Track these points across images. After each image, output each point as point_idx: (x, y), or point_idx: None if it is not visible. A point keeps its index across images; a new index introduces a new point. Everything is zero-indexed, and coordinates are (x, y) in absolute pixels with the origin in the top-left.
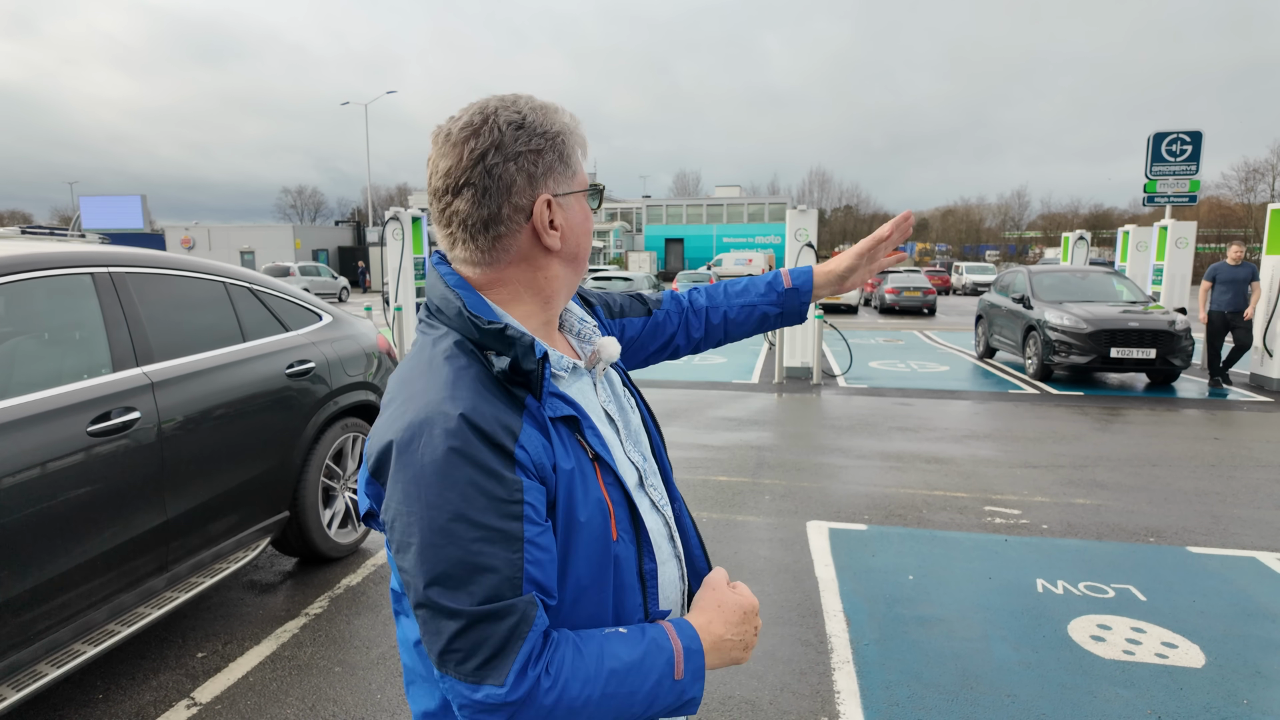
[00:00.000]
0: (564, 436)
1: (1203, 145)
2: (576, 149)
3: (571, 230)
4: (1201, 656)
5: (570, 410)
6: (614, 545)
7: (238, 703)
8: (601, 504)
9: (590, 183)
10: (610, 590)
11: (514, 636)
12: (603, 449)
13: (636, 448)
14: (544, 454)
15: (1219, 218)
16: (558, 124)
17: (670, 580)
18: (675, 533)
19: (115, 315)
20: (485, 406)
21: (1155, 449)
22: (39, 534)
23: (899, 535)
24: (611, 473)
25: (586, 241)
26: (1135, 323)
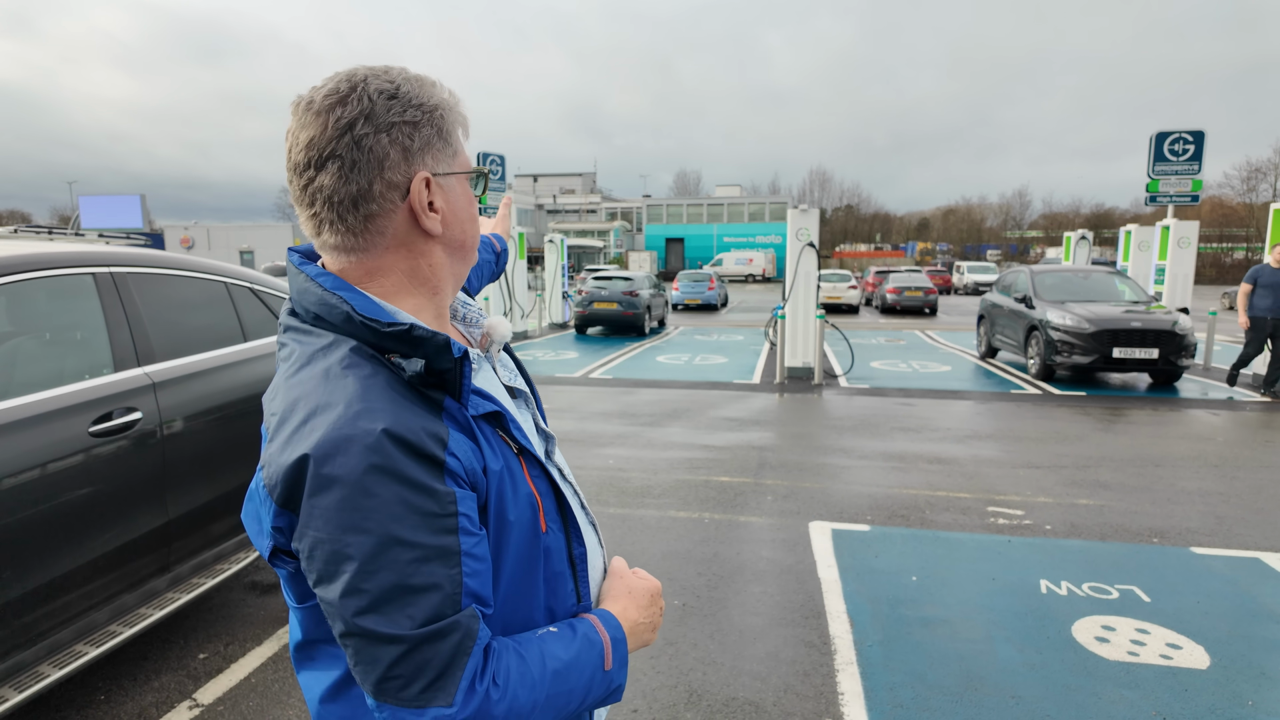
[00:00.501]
0: (488, 434)
1: (1205, 145)
2: (458, 128)
3: (454, 215)
4: (1206, 658)
5: (493, 406)
6: (543, 538)
7: (240, 704)
8: (530, 498)
9: (474, 166)
10: (540, 583)
11: (459, 653)
12: (524, 439)
13: (540, 413)
14: (474, 458)
15: (1221, 217)
16: (435, 98)
17: (592, 550)
18: (584, 499)
19: (117, 315)
20: (407, 416)
21: (1158, 449)
22: (41, 535)
23: (902, 536)
24: (537, 464)
25: (472, 229)
26: (1138, 323)
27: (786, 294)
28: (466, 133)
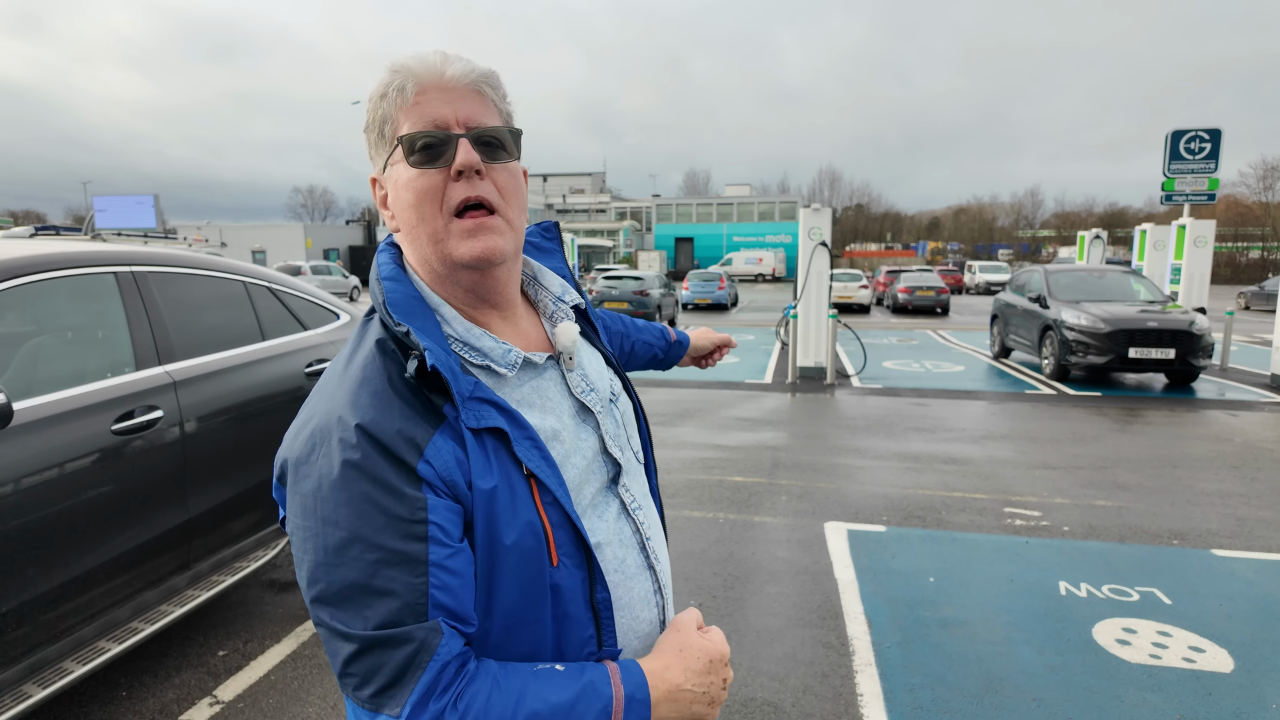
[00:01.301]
0: (490, 449)
1: (1221, 143)
2: (392, 105)
3: (396, 204)
4: (1230, 661)
5: (498, 422)
6: (552, 572)
7: (260, 701)
8: (534, 526)
9: (399, 137)
10: (549, 622)
11: (412, 665)
12: (541, 463)
13: (619, 439)
14: (456, 469)
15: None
16: (377, 93)
17: (639, 598)
18: (649, 540)
19: (138, 314)
20: (387, 416)
21: (1176, 450)
22: (65, 532)
23: (918, 537)
24: (549, 492)
25: (410, 215)
26: (1154, 322)
27: (799, 293)
28: (406, 99)
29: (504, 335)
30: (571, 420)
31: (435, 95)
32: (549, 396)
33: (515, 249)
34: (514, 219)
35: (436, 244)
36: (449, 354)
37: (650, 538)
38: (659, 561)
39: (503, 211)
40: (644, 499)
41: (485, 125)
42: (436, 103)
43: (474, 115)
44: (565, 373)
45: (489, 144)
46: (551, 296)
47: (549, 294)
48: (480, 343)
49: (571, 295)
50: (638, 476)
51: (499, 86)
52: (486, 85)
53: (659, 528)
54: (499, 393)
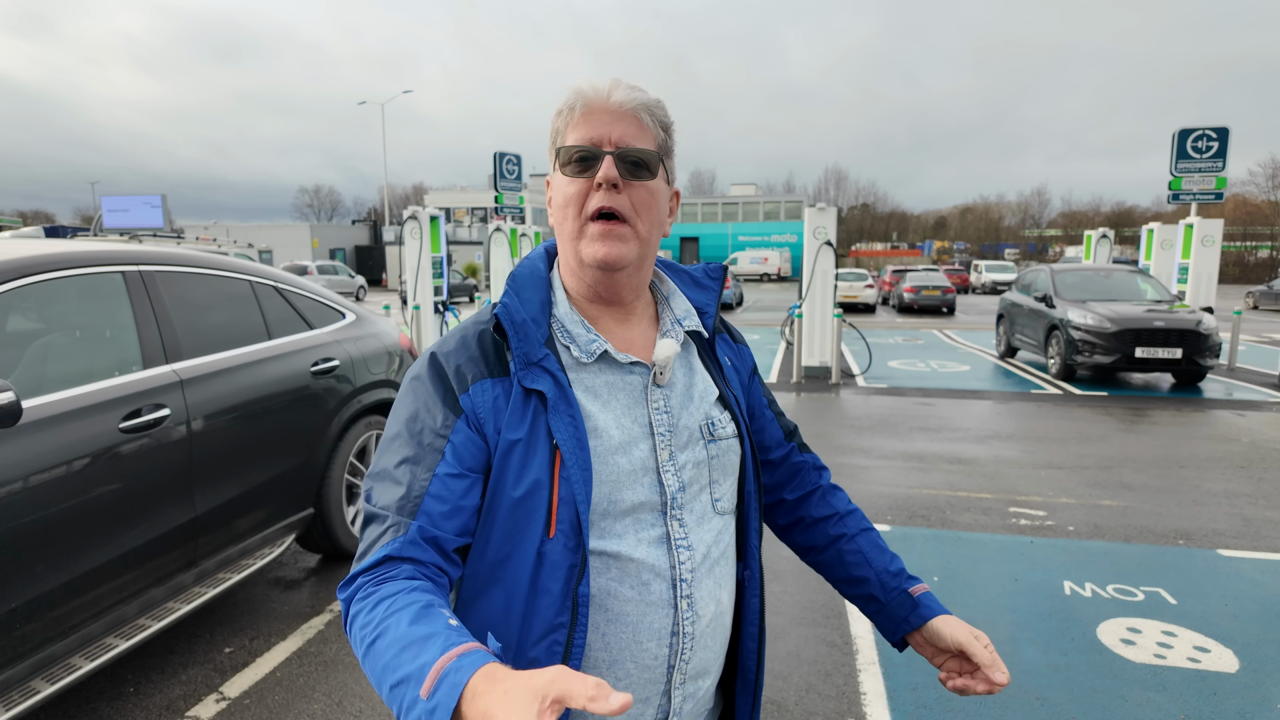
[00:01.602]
0: (532, 410)
1: (1229, 142)
2: (564, 121)
3: (553, 204)
4: (1235, 661)
5: (540, 387)
6: (545, 540)
7: (265, 697)
8: (541, 488)
9: (557, 148)
10: (526, 588)
11: (374, 546)
12: (570, 440)
13: (685, 473)
14: (490, 412)
15: (1244, 215)
16: (557, 107)
17: (647, 629)
18: (684, 582)
19: (145, 313)
20: (457, 354)
21: (1183, 450)
22: (74, 529)
23: (923, 536)
24: (568, 469)
25: (557, 215)
26: (1161, 322)
27: (804, 292)
28: (574, 116)
29: (610, 332)
30: (632, 424)
31: (599, 116)
32: (618, 395)
33: (639, 257)
34: (643, 232)
35: (573, 242)
36: (538, 325)
37: (689, 581)
38: (692, 610)
39: (633, 223)
40: (699, 541)
41: (633, 146)
42: (597, 123)
43: (626, 137)
44: (648, 385)
45: (634, 163)
46: (673, 317)
47: (671, 314)
48: (574, 328)
49: (691, 322)
50: (705, 520)
51: (659, 114)
52: (645, 112)
53: (718, 581)
54: (571, 373)
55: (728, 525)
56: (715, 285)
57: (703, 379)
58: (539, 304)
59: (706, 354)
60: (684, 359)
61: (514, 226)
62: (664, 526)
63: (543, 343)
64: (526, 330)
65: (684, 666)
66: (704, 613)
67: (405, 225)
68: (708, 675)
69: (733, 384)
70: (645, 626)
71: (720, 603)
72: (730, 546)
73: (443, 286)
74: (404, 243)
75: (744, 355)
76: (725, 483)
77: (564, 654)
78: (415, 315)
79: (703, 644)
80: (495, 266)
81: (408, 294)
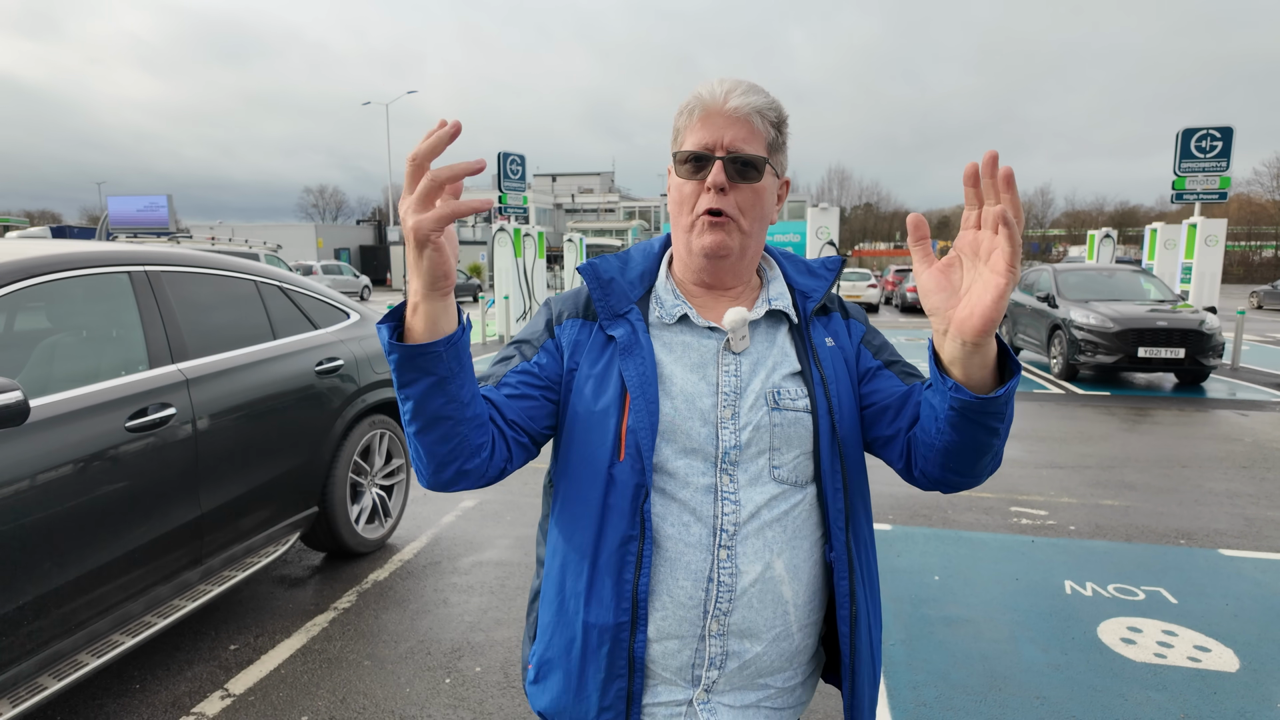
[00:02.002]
0: (610, 352)
1: (1234, 141)
2: (683, 123)
3: (670, 199)
4: (1235, 660)
5: (616, 333)
6: (615, 463)
7: (270, 694)
8: (609, 415)
9: (675, 151)
10: (599, 504)
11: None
12: (635, 379)
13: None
14: (570, 344)
15: (1249, 215)
16: (680, 107)
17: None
18: (725, 533)
19: (151, 313)
20: (563, 302)
21: (1185, 450)
22: (80, 527)
23: (924, 535)
24: (639, 401)
25: (674, 208)
26: (1164, 322)
27: None
28: (693, 118)
29: (700, 305)
30: (699, 380)
31: (715, 120)
32: (690, 353)
33: (742, 250)
34: (747, 228)
35: (685, 234)
36: (632, 287)
37: (730, 533)
38: (732, 563)
39: (738, 221)
40: (748, 500)
41: (744, 151)
42: (712, 127)
43: (737, 141)
44: (720, 348)
45: (743, 166)
46: (766, 296)
47: (766, 295)
48: (664, 295)
49: (781, 303)
50: (759, 482)
51: (770, 115)
52: (758, 115)
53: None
54: (653, 330)
55: (789, 495)
56: (829, 275)
57: (781, 352)
58: (639, 273)
59: (799, 333)
60: (768, 333)
61: (517, 226)
62: (714, 477)
63: (633, 301)
64: (612, 287)
65: (721, 618)
66: (746, 569)
67: None
68: (755, 639)
69: (827, 364)
70: (683, 565)
71: (771, 567)
72: (794, 518)
73: None
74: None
75: (855, 328)
76: (788, 452)
77: (636, 562)
78: None
79: (746, 603)
80: (499, 266)
81: None
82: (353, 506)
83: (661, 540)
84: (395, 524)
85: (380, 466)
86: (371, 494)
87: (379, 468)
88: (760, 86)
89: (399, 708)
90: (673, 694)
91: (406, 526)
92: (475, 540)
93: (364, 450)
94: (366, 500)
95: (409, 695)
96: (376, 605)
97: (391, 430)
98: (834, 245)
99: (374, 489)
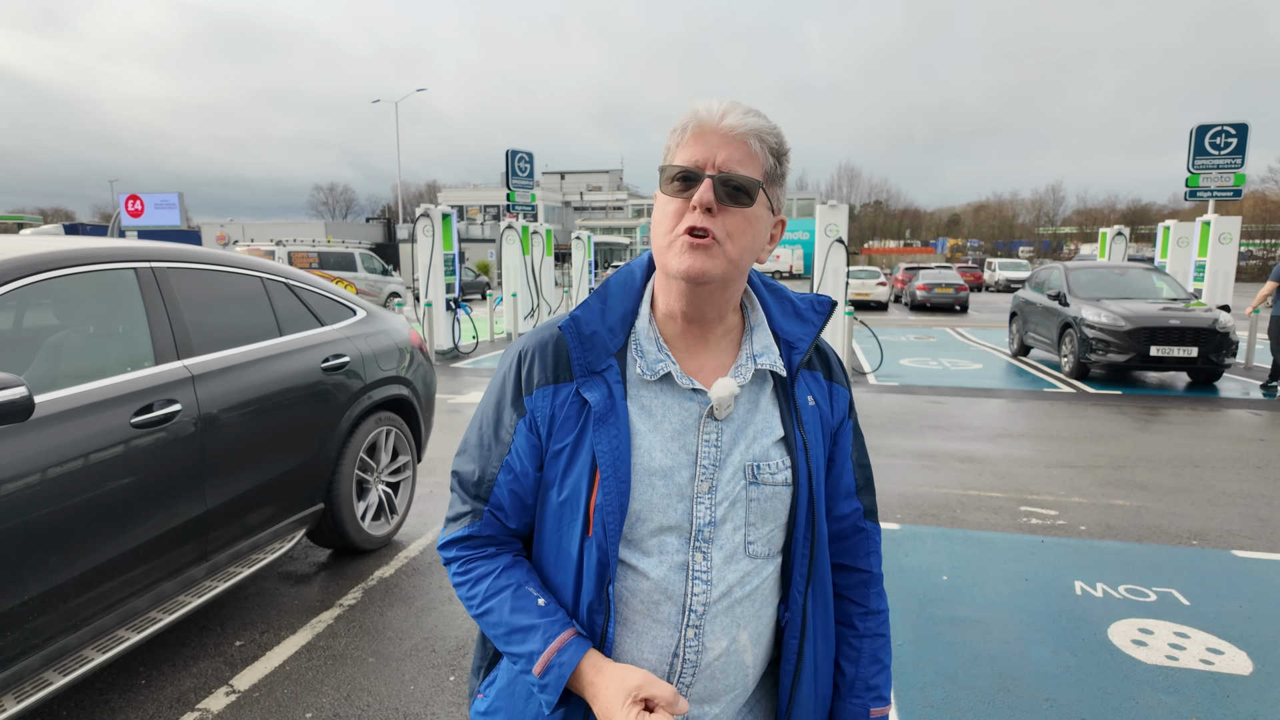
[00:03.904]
0: (584, 417)
1: (1249, 138)
2: (675, 140)
3: (653, 216)
4: (1249, 663)
5: (591, 397)
6: (586, 539)
7: (275, 691)
8: (580, 494)
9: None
10: (573, 572)
11: (459, 521)
12: (610, 455)
13: (718, 508)
14: (545, 418)
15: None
16: (674, 124)
17: (650, 643)
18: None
19: (157, 309)
20: (534, 355)
21: (1197, 450)
22: (86, 522)
23: (932, 535)
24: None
25: (655, 229)
26: (1176, 320)
27: (815, 290)
28: (684, 136)
29: (685, 352)
30: (679, 450)
31: (709, 138)
32: (670, 418)
33: (725, 277)
34: (732, 254)
35: (663, 253)
36: (614, 335)
37: (699, 613)
38: (699, 641)
39: (724, 246)
40: (721, 579)
41: (736, 173)
42: (705, 145)
43: (730, 161)
44: (703, 415)
45: (734, 189)
46: (750, 351)
47: (750, 349)
48: (646, 345)
49: (767, 360)
50: (733, 559)
51: (771, 141)
52: (756, 138)
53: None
54: (631, 387)
55: (760, 569)
56: (818, 320)
57: (765, 417)
58: (621, 314)
59: (782, 392)
60: (751, 394)
61: (525, 224)
62: (686, 555)
63: (612, 353)
64: (594, 341)
65: (684, 689)
66: (712, 646)
67: (418, 223)
68: (714, 703)
69: (808, 426)
70: (649, 640)
71: (736, 640)
72: (763, 589)
73: (455, 284)
74: (416, 240)
75: (839, 397)
76: (764, 527)
77: (600, 639)
78: (427, 312)
79: (708, 675)
80: (507, 264)
81: (420, 291)
82: (359, 503)
83: (629, 616)
84: (401, 521)
85: (386, 463)
86: (377, 491)
87: (385, 465)
88: (762, 112)
89: (403, 705)
90: None
91: (412, 523)
92: None
93: (370, 447)
94: (372, 497)
95: (413, 693)
96: (382, 602)
97: (397, 427)
98: (842, 243)
99: (380, 486)
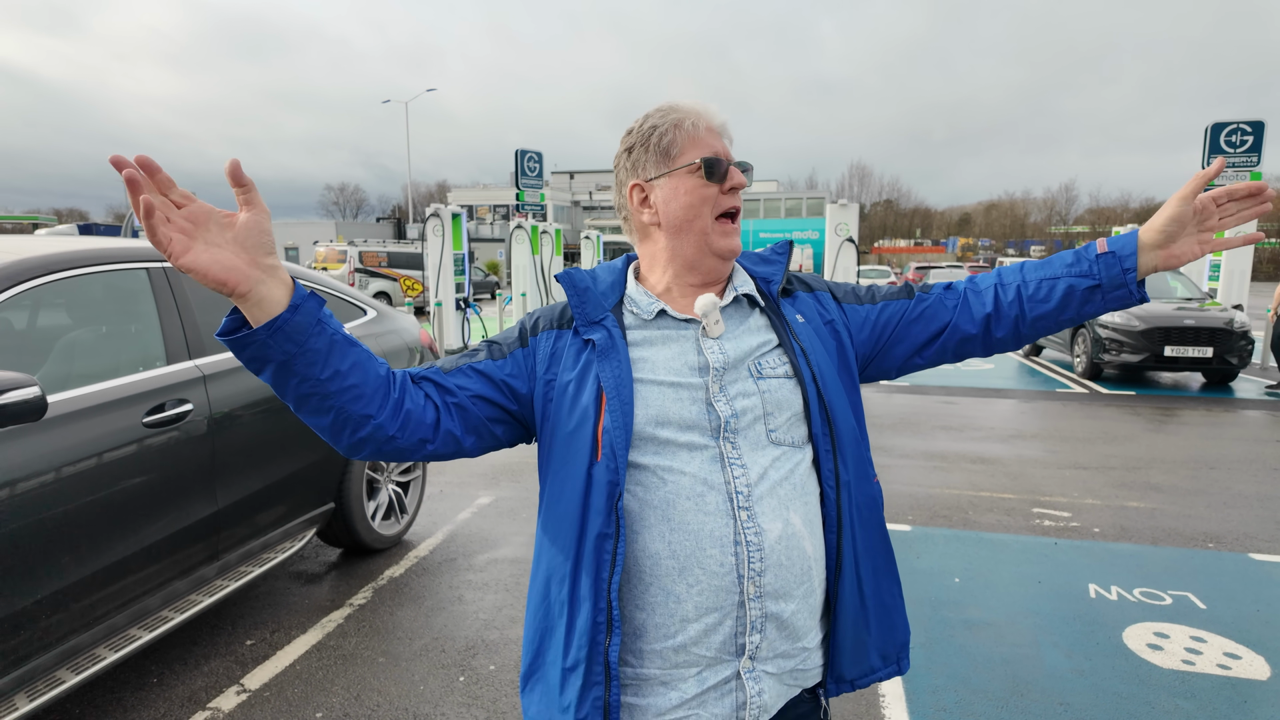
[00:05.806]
0: (586, 356)
1: (1265, 136)
2: (679, 132)
3: (664, 205)
4: (1267, 668)
5: (594, 337)
6: (594, 464)
7: (285, 690)
8: (588, 419)
9: (700, 158)
10: (579, 502)
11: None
12: (614, 380)
13: (737, 403)
14: (546, 356)
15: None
16: (655, 122)
17: (708, 534)
18: (740, 495)
19: (169, 309)
20: (544, 312)
21: (1213, 451)
22: (99, 521)
23: (944, 537)
24: (615, 402)
25: (684, 212)
26: (1191, 320)
27: None
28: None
29: (679, 297)
30: (683, 365)
31: (715, 133)
32: (670, 345)
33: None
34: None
35: (704, 235)
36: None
37: (745, 494)
38: (754, 522)
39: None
40: (755, 463)
41: (745, 161)
42: (715, 139)
43: (728, 151)
44: (698, 335)
45: (744, 172)
46: (733, 285)
47: (732, 285)
48: (639, 297)
49: (745, 287)
50: (760, 446)
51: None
52: (728, 130)
53: (783, 502)
54: (631, 331)
55: (789, 455)
56: (781, 259)
57: (755, 331)
58: (609, 284)
59: (772, 313)
60: (738, 316)
61: (535, 224)
62: (718, 447)
63: (607, 308)
64: (589, 295)
65: (756, 579)
66: (769, 527)
67: (428, 223)
68: (789, 599)
69: (803, 336)
70: (707, 534)
71: (790, 523)
72: (798, 474)
73: (464, 283)
74: (426, 240)
75: (824, 299)
76: (780, 415)
77: (610, 560)
78: (437, 312)
79: (775, 561)
80: (516, 263)
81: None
82: (369, 503)
83: (680, 517)
84: (411, 520)
85: (396, 463)
86: (388, 490)
87: (395, 464)
88: None
89: (413, 705)
90: (720, 674)
91: (422, 523)
92: (491, 537)
93: None
94: (383, 496)
95: (423, 693)
96: (392, 602)
97: None
98: (853, 242)
99: (390, 485)
